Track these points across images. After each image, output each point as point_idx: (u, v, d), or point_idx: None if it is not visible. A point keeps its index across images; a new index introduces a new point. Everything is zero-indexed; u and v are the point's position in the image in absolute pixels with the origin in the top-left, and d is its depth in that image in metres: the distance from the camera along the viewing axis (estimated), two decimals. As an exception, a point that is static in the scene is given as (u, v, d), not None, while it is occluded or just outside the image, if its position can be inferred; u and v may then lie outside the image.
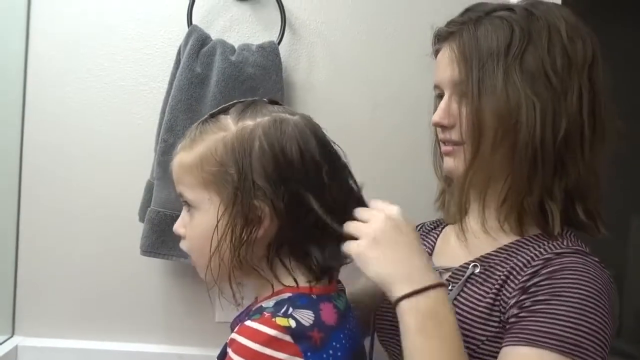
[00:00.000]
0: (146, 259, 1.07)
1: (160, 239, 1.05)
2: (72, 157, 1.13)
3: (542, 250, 0.70)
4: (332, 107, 1.15)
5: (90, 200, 1.14)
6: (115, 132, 1.14)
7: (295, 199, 0.63)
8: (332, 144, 0.70)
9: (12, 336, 1.14)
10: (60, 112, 1.13)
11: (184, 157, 0.67)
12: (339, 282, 0.73)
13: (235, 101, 0.70)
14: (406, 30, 1.16)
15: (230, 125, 0.66)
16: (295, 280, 0.65)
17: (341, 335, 0.64)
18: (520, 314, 0.65)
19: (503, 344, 0.65)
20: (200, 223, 0.67)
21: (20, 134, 1.13)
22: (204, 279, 0.68)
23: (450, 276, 0.77)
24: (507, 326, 0.66)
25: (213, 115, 0.69)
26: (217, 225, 0.64)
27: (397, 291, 0.63)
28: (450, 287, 0.74)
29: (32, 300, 1.14)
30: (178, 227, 0.71)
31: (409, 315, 0.62)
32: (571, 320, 0.62)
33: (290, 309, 0.62)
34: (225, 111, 0.69)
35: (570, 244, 0.70)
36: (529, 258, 0.69)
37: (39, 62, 1.13)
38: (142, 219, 1.08)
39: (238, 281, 0.66)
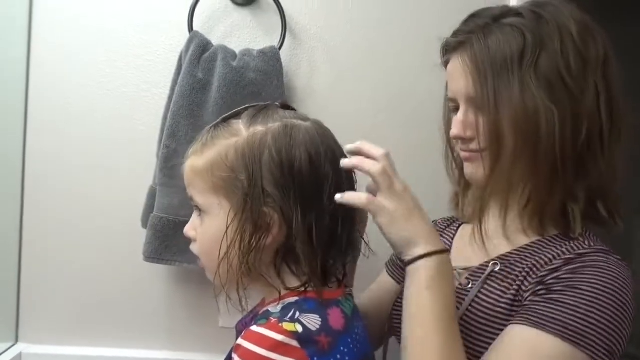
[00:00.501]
0: (149, 264, 1.06)
1: (164, 244, 1.05)
2: (75, 163, 1.14)
3: (564, 250, 0.69)
4: (333, 112, 1.15)
5: (93, 207, 1.14)
6: (118, 138, 1.14)
7: (304, 206, 0.63)
8: (343, 150, 0.69)
9: (16, 343, 1.14)
10: (62, 119, 1.13)
11: (195, 161, 0.67)
12: (346, 286, 0.72)
13: (247, 105, 0.70)
14: (407, 35, 1.17)
15: (242, 130, 0.65)
16: (304, 286, 0.64)
17: (349, 340, 0.63)
18: (533, 299, 0.65)
19: (508, 323, 0.66)
20: (210, 227, 0.66)
21: (22, 142, 1.13)
22: (213, 282, 0.67)
23: (469, 275, 0.76)
24: (518, 309, 0.66)
25: (225, 120, 0.68)
26: (226, 232, 0.63)
27: (417, 251, 0.66)
28: (470, 286, 0.74)
29: (35, 307, 1.14)
30: (188, 229, 0.70)
31: (422, 272, 0.65)
32: (580, 310, 0.62)
33: (297, 314, 0.61)
34: (237, 115, 0.68)
35: (592, 244, 0.70)
36: (550, 257, 0.69)
37: (40, 70, 1.13)
38: (144, 225, 1.09)
39: (245, 287, 0.65)
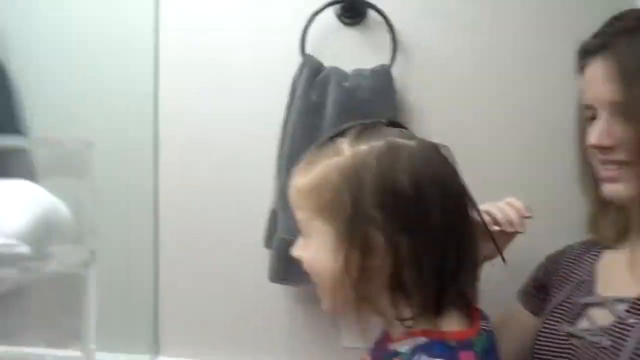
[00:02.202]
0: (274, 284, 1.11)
1: (287, 265, 1.06)
2: (205, 187, 1.21)
3: None
4: (447, 127, 1.11)
5: (222, 229, 1.21)
6: (242, 161, 1.20)
7: (409, 232, 0.59)
8: (455, 173, 0.65)
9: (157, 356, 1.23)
10: (189, 149, 1.22)
11: (299, 181, 0.67)
12: (484, 318, 0.67)
13: (354, 122, 0.69)
14: (522, 45, 1.12)
15: (345, 149, 0.64)
16: (416, 318, 0.61)
17: None
18: None
19: None
20: (317, 249, 0.65)
21: (154, 174, 1.22)
22: (326, 307, 0.68)
23: (629, 307, 0.69)
24: None
25: (331, 138, 0.68)
26: (333, 256, 0.62)
27: None
28: (634, 321, 0.67)
29: (174, 322, 1.23)
30: (295, 250, 0.70)
31: None
32: None
33: (425, 358, 0.58)
34: (342, 133, 0.67)
35: None
36: None
37: (167, 103, 1.22)
38: (267, 246, 1.12)
39: (360, 314, 0.64)
